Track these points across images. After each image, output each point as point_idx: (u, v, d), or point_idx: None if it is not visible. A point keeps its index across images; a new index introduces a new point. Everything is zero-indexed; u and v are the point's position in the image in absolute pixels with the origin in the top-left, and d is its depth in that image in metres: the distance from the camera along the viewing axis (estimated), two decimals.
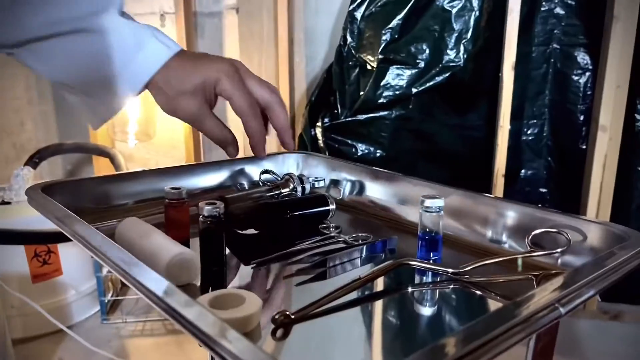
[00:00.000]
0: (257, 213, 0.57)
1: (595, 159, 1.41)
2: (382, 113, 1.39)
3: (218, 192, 0.67)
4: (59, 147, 1.57)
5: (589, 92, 1.42)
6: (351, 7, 1.38)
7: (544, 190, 1.51)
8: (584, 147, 1.44)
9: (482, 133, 1.48)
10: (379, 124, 1.40)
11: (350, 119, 1.41)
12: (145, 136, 1.54)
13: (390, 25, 1.34)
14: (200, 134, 1.63)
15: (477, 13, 1.33)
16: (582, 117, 1.44)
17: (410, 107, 1.39)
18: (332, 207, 0.61)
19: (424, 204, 0.51)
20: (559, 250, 0.47)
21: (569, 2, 1.39)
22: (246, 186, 0.68)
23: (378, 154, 1.41)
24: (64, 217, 0.48)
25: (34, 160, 1.52)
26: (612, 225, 0.47)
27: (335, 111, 1.42)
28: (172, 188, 0.53)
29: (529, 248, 0.49)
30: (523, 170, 1.51)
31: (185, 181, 0.66)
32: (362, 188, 0.67)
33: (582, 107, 1.43)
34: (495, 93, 1.42)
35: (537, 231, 0.49)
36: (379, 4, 1.36)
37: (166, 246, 0.47)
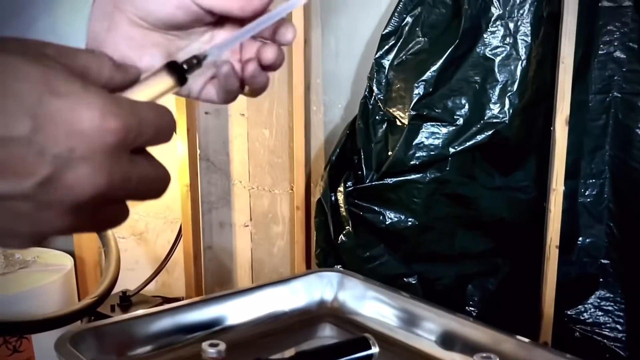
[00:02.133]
0: None
1: None
2: (414, 176, 1.48)
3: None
4: None
5: None
6: (378, 54, 1.47)
7: (605, 261, 1.58)
8: None
9: (531, 195, 1.56)
10: (410, 188, 1.48)
11: (377, 182, 1.49)
12: None
13: (423, 77, 1.43)
14: (200, 192, 1.72)
15: (525, 62, 1.42)
16: None
17: (447, 169, 1.47)
18: (374, 350, 0.69)
19: None
20: None
21: (631, 44, 1.48)
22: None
23: (409, 223, 1.50)
24: None
25: None
26: None
27: (360, 173, 1.51)
28: (210, 345, 0.61)
29: None
30: (580, 238, 1.59)
31: (209, 313, 0.75)
32: (404, 321, 0.76)
33: None
34: (545, 148, 1.50)
35: None
36: (411, 51, 1.45)
37: None
